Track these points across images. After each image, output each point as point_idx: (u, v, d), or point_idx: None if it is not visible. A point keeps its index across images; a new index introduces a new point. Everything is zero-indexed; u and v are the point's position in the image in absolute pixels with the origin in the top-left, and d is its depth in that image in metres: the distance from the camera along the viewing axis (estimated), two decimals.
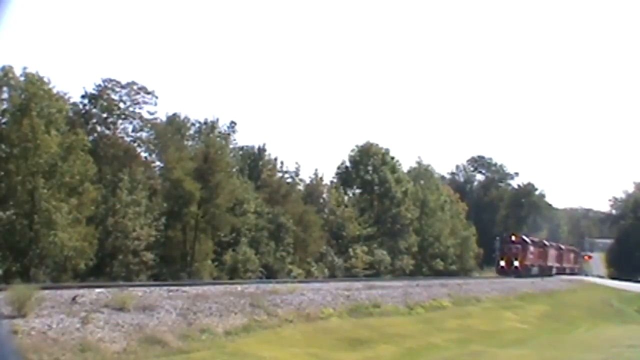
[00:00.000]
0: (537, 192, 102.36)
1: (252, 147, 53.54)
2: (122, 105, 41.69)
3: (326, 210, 56.54)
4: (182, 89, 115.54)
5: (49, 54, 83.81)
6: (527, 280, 62.43)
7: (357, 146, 65.34)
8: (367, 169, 63.49)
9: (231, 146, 50.67)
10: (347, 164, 64.85)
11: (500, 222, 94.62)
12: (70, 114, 37.85)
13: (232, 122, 50.33)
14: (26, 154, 32.50)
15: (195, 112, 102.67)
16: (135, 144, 43.42)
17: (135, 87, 42.02)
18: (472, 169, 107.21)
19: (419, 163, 76.14)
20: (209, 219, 42.66)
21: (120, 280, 34.12)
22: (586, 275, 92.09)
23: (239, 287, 30.51)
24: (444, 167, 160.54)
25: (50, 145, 32.62)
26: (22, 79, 33.50)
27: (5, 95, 34.00)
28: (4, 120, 34.28)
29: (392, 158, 66.02)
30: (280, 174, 54.64)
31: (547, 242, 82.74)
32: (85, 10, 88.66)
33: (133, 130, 42.78)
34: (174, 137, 45.22)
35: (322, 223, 53.40)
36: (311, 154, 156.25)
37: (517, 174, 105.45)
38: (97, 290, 24.40)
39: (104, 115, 41.34)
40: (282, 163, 54.68)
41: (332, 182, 61.22)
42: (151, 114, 43.03)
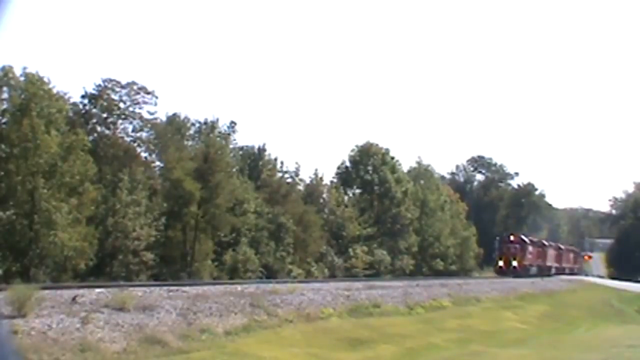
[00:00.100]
0: (537, 192, 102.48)
1: (252, 147, 53.59)
2: (122, 105, 41.71)
3: (326, 210, 56.55)
4: (182, 89, 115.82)
5: (49, 54, 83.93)
6: (527, 280, 62.38)
7: (357, 146, 65.52)
8: (367, 169, 63.51)
9: (231, 146, 50.70)
10: (347, 164, 64.94)
11: (500, 222, 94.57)
12: (70, 114, 37.84)
13: (232, 122, 50.45)
14: (26, 154, 32.48)
15: (195, 112, 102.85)
16: (135, 144, 43.43)
17: (135, 87, 42.03)
18: (472, 169, 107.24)
19: (419, 163, 76.30)
20: (209, 219, 42.68)
21: (120, 280, 34.10)
22: (586, 275, 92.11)
23: (239, 287, 30.46)
24: (444, 167, 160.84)
25: (50, 145, 32.60)
26: (22, 79, 33.48)
27: (5, 95, 33.99)
28: (4, 120, 34.26)
29: (392, 158, 66.12)
30: (280, 174, 54.70)
31: (546, 242, 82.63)
32: (85, 10, 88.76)
33: (133, 130, 42.84)
34: (174, 137, 45.22)
35: (322, 223, 53.41)
36: (311, 154, 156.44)
37: (517, 174, 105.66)
38: (97, 290, 24.37)
39: (104, 115, 41.34)
40: (282, 163, 54.87)
41: (332, 182, 61.35)
42: (151, 114, 43.12)
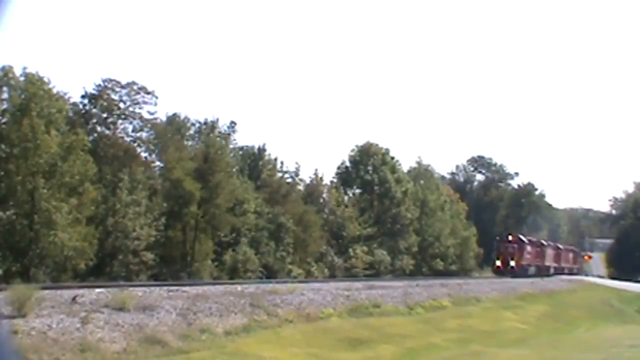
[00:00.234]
0: (537, 192, 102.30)
1: (252, 147, 53.57)
2: (122, 105, 41.69)
3: (326, 210, 56.54)
4: (182, 89, 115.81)
5: (49, 54, 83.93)
6: (527, 280, 62.38)
7: (357, 146, 65.46)
8: (367, 169, 63.48)
9: (231, 146, 50.68)
10: (347, 164, 64.87)
11: (500, 222, 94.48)
12: (70, 114, 37.83)
13: (232, 122, 50.39)
14: (26, 154, 32.48)
15: (195, 112, 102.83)
16: (135, 144, 43.41)
17: (135, 87, 42.02)
18: (472, 169, 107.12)
19: (419, 163, 76.26)
20: (209, 219, 42.68)
21: (120, 280, 34.08)
22: (586, 275, 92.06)
23: (239, 287, 30.49)
24: (444, 167, 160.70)
25: (50, 145, 32.60)
26: (22, 79, 33.49)
27: (5, 95, 33.98)
28: (4, 120, 34.25)
29: (392, 158, 66.07)
30: (280, 174, 54.68)
31: (544, 242, 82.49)
32: (85, 10, 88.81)
33: (133, 130, 42.81)
34: (174, 137, 45.18)
35: (322, 223, 53.41)
36: (311, 154, 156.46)
37: (517, 174, 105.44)
38: (97, 290, 24.40)
39: (104, 115, 41.33)
40: (282, 163, 54.84)
41: (332, 182, 61.33)
42: (151, 114, 43.08)
